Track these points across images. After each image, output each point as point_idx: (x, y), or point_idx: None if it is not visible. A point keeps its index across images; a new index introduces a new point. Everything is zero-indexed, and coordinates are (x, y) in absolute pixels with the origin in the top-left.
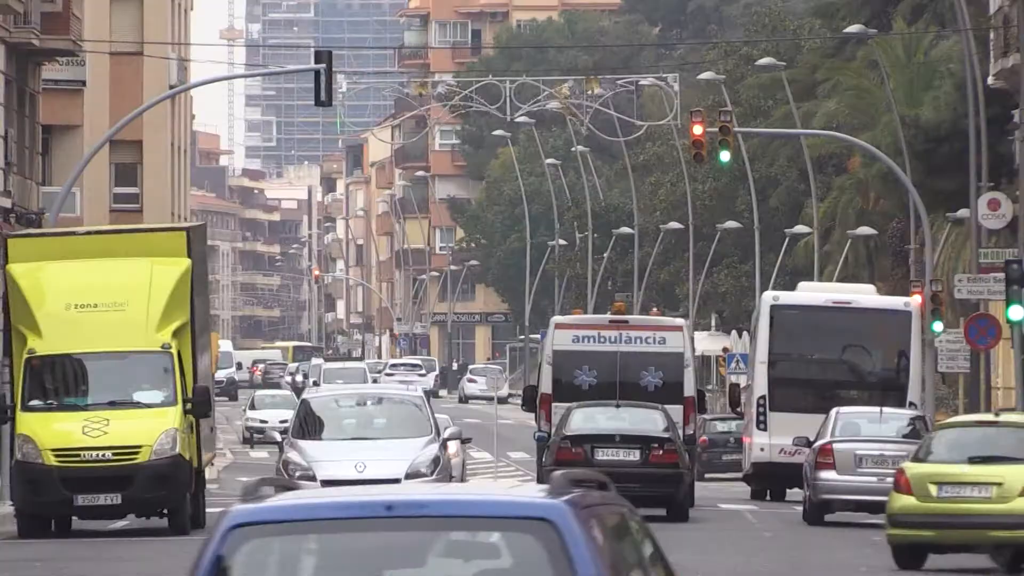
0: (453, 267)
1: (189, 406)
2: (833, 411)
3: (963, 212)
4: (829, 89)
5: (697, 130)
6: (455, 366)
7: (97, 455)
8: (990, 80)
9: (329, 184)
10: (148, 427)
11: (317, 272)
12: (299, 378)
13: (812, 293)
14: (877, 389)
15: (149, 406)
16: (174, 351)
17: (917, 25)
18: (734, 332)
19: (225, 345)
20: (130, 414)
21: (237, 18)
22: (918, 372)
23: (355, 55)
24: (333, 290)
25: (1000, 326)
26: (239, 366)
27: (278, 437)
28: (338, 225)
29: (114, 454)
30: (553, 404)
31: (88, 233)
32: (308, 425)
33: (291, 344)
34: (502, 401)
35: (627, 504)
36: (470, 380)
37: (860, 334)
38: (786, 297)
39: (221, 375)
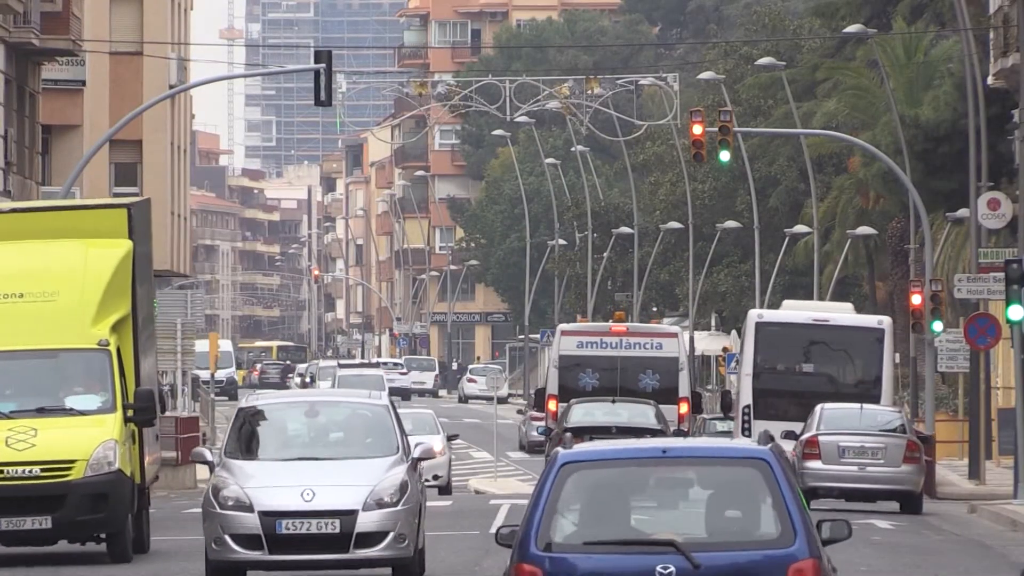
0: (453, 267)
1: (130, 413)
2: (818, 407)
3: (963, 212)
4: (829, 89)
5: (697, 130)
6: (455, 366)
7: (23, 471)
8: (990, 80)
9: (329, 184)
10: (83, 438)
11: (317, 272)
12: (308, 379)
13: (794, 311)
14: (852, 399)
15: (84, 413)
16: (113, 348)
17: (917, 25)
18: (734, 332)
19: (225, 345)
20: (61, 423)
21: (237, 18)
22: (890, 384)
23: (355, 55)
24: (333, 290)
25: (1000, 326)
26: (240, 365)
27: (209, 456)
28: (338, 225)
29: (43, 470)
30: (560, 404)
31: (13, 211)
32: (245, 441)
33: (275, 344)
34: (502, 401)
35: (783, 449)
36: (470, 380)
37: (837, 349)
38: (770, 315)
39: (221, 375)
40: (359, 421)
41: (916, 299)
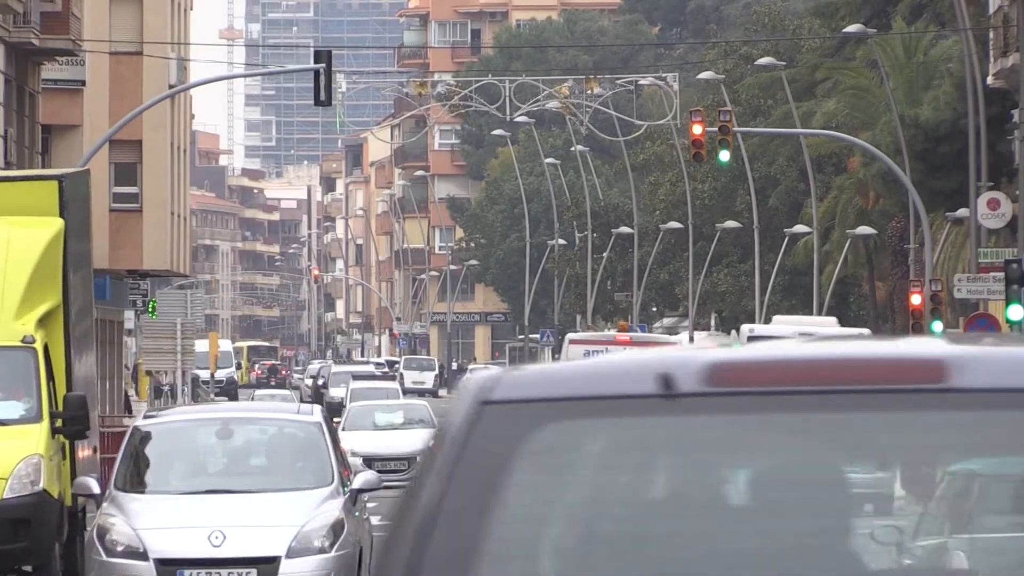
0: (452, 267)
1: (59, 423)
2: None
3: (963, 212)
4: (829, 89)
5: (697, 130)
6: (455, 366)
7: None
8: (990, 80)
9: (329, 184)
10: (2, 453)
11: (316, 272)
12: (320, 383)
13: (782, 325)
14: None
15: (3, 423)
16: (39, 346)
17: (917, 25)
18: (734, 332)
19: (225, 345)
20: None
21: (237, 18)
22: None
23: (355, 55)
24: (332, 290)
25: (1000, 326)
26: (238, 366)
27: (95, 488)
28: (337, 225)
29: None
30: None
31: None
32: (142, 470)
33: (245, 344)
34: None
35: None
36: None
37: None
38: (761, 329)
39: (221, 375)
40: (284, 443)
41: (916, 299)
